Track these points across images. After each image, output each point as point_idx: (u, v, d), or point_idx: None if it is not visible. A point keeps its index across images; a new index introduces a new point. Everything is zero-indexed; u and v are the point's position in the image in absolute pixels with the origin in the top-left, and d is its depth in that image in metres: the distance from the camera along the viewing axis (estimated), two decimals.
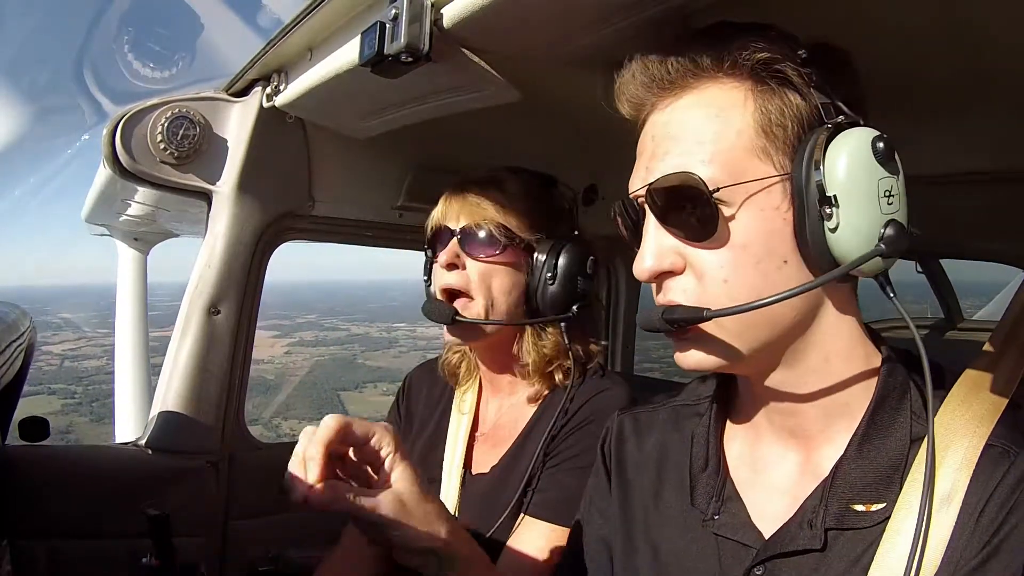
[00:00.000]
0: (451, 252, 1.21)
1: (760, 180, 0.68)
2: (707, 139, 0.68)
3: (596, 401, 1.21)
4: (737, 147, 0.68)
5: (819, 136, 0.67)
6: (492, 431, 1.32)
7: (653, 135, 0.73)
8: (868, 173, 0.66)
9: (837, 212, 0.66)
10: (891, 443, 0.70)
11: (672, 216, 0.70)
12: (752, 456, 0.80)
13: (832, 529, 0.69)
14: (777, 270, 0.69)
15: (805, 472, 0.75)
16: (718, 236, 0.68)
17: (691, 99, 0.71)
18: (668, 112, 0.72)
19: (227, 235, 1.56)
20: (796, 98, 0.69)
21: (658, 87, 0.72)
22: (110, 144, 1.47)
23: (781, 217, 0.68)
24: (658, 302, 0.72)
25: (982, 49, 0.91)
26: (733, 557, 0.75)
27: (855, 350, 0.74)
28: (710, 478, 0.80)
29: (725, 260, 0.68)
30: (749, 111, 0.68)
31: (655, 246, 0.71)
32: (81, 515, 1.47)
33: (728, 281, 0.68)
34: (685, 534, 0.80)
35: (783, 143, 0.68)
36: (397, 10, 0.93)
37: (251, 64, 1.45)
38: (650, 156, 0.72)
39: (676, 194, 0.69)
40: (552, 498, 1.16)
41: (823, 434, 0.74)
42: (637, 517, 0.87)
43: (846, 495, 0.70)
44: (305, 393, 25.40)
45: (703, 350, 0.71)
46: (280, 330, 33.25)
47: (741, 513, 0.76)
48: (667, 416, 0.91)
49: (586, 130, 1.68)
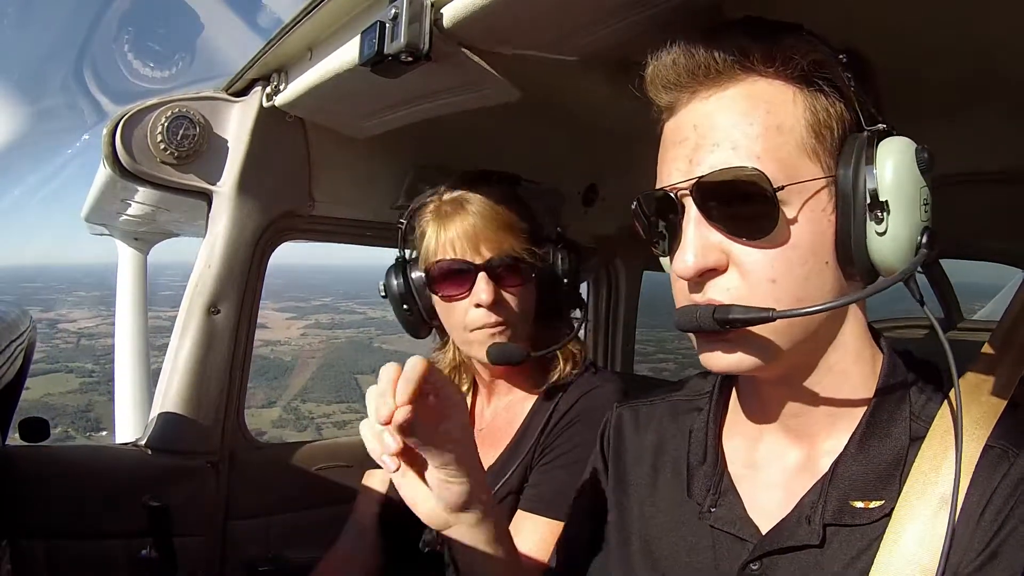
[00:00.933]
0: (489, 290, 1.18)
1: (813, 180, 0.67)
2: (758, 134, 0.66)
3: (588, 398, 1.22)
4: (790, 144, 0.67)
5: (867, 141, 0.67)
6: (488, 430, 1.33)
7: (695, 124, 0.69)
8: (914, 181, 0.66)
9: (888, 218, 0.66)
10: (891, 441, 0.70)
11: (720, 211, 0.67)
12: (751, 452, 0.80)
13: (830, 525, 0.69)
14: (819, 273, 0.68)
15: (804, 469, 0.75)
16: (772, 236, 0.66)
17: (738, 91, 0.68)
18: (714, 102, 0.69)
19: (227, 235, 1.56)
20: (839, 101, 0.69)
21: (703, 75, 0.69)
22: (110, 144, 1.46)
23: (827, 219, 0.68)
24: (692, 300, 0.70)
25: (983, 49, 0.91)
26: (729, 551, 0.75)
27: (863, 350, 0.74)
28: (707, 471, 0.81)
29: (775, 260, 0.67)
30: (799, 110, 0.67)
31: (700, 242, 0.68)
32: (81, 515, 1.47)
33: (776, 282, 0.67)
34: (680, 527, 0.80)
35: (830, 144, 0.68)
36: (397, 10, 0.93)
37: (251, 64, 1.45)
38: (694, 147, 0.69)
39: (731, 189, 0.66)
40: (546, 493, 1.17)
41: (824, 432, 0.75)
42: (632, 509, 0.87)
43: (845, 491, 0.70)
44: (323, 375, 25.34)
45: (744, 351, 0.69)
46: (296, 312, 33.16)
47: (738, 507, 0.77)
48: (666, 410, 0.92)
49: (586, 130, 1.68)
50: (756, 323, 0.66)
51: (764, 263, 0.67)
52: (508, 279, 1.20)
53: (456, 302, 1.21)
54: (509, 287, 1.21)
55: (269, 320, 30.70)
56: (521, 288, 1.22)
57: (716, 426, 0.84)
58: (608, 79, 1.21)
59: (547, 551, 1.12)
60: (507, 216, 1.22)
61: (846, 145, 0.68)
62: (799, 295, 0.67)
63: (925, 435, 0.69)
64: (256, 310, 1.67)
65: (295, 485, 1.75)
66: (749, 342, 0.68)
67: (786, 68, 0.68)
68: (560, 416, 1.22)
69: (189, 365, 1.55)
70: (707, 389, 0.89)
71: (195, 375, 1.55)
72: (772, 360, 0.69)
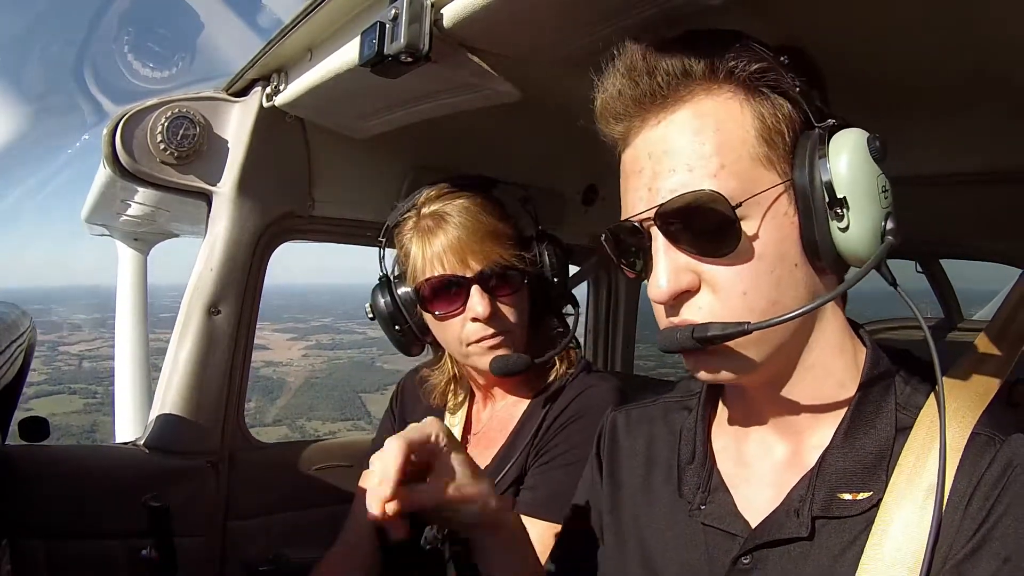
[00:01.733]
0: (485, 303, 1.16)
1: (769, 189, 0.67)
2: (711, 152, 0.67)
3: (583, 398, 1.22)
4: (744, 157, 0.67)
5: (817, 139, 0.68)
6: (484, 432, 1.33)
7: (649, 153, 0.71)
8: (869, 172, 0.67)
9: (848, 214, 0.66)
10: (876, 433, 0.71)
11: (685, 235, 0.69)
12: (739, 449, 0.81)
13: (819, 517, 0.70)
14: (789, 275, 0.69)
15: (792, 465, 0.76)
16: (737, 252, 0.67)
17: (686, 112, 0.69)
18: (663, 127, 0.70)
19: (227, 235, 1.56)
20: (786, 103, 0.69)
21: (650, 101, 0.70)
22: (110, 144, 1.47)
23: (789, 222, 0.69)
24: (670, 323, 0.71)
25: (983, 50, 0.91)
26: (720, 547, 0.75)
27: (844, 343, 0.75)
28: (697, 470, 0.81)
29: (743, 273, 0.68)
30: (748, 120, 0.68)
31: (671, 267, 0.69)
32: (81, 515, 1.47)
33: (747, 293, 0.68)
34: (673, 525, 0.81)
35: (782, 149, 0.69)
36: (397, 10, 0.93)
37: (251, 64, 1.45)
38: (651, 176, 0.70)
39: (691, 213, 0.67)
40: (543, 495, 1.17)
41: (810, 428, 0.75)
42: (626, 510, 0.88)
43: (832, 483, 0.70)
44: (327, 395, 25.77)
45: (728, 364, 0.71)
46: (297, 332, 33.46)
47: (728, 503, 0.77)
48: (658, 412, 0.93)
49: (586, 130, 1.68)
50: (734, 337, 0.67)
51: (733, 278, 0.68)
52: (501, 289, 1.20)
53: (451, 319, 1.20)
54: (503, 296, 1.20)
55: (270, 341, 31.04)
56: (514, 296, 1.21)
57: (704, 425, 0.85)
58: None
59: (544, 554, 1.12)
60: (490, 223, 1.20)
61: (798, 147, 0.69)
62: (772, 300, 0.68)
63: (912, 425, 0.70)
64: (256, 310, 1.67)
65: (295, 485, 1.75)
66: (732, 354, 0.70)
67: (729, 80, 0.68)
68: (555, 416, 1.22)
69: (189, 366, 1.55)
70: (696, 390, 0.90)
71: (195, 375, 1.55)
72: (757, 366, 0.70)
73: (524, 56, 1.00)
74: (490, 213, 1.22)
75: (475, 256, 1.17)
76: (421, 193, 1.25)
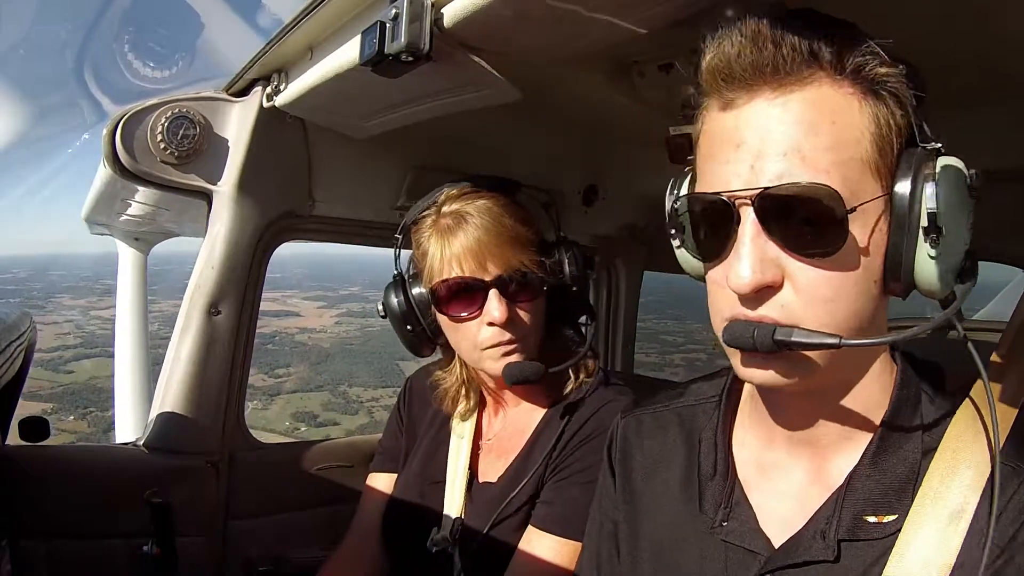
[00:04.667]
0: (502, 308, 1.14)
1: (874, 200, 0.64)
2: (827, 146, 0.63)
3: (602, 414, 1.19)
4: (856, 159, 0.64)
5: (923, 157, 0.65)
6: (497, 440, 1.31)
7: (757, 127, 0.65)
8: (965, 205, 0.65)
9: (943, 240, 0.63)
10: (903, 455, 0.70)
11: (782, 225, 0.64)
12: (762, 460, 0.79)
13: (845, 540, 0.69)
14: (867, 291, 0.66)
15: (816, 481, 0.74)
16: (835, 256, 0.63)
17: (805, 96, 0.64)
18: (779, 105, 0.64)
19: (227, 235, 1.56)
20: (900, 114, 0.66)
21: (770, 73, 0.64)
22: (110, 144, 1.47)
23: (880, 237, 0.65)
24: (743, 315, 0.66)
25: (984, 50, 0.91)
26: (740, 564, 0.74)
27: (885, 366, 0.73)
28: (719, 484, 0.79)
29: (833, 279, 0.64)
30: (865, 122, 0.64)
31: (758, 255, 0.64)
32: (81, 515, 1.46)
33: (833, 301, 0.64)
34: (691, 539, 0.79)
35: (890, 159, 0.65)
36: (397, 10, 0.93)
37: (251, 64, 1.45)
38: (757, 154, 0.64)
39: (800, 204, 0.62)
40: (560, 512, 1.15)
41: (837, 444, 0.74)
42: (643, 521, 0.86)
43: (859, 506, 0.69)
44: (366, 361, 25.72)
45: (785, 371, 0.66)
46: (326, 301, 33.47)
47: (749, 519, 0.76)
48: (671, 418, 0.90)
49: (586, 130, 1.68)
50: (819, 348, 0.63)
51: (821, 282, 0.64)
52: (519, 295, 1.17)
53: (466, 322, 1.17)
54: (521, 303, 1.17)
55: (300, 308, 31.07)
56: (532, 302, 1.19)
57: (725, 435, 0.82)
58: (608, 79, 1.21)
59: (560, 570, 1.10)
60: (512, 228, 1.16)
61: (902, 161, 0.65)
62: (855, 313, 0.65)
63: (936, 447, 0.69)
64: (256, 310, 1.67)
65: (295, 485, 1.75)
66: (800, 363, 0.66)
67: (855, 76, 0.64)
68: (574, 431, 1.19)
69: (189, 365, 1.55)
70: (712, 394, 0.87)
71: (195, 375, 1.55)
72: (808, 377, 0.67)
73: (524, 56, 1.00)
74: (512, 216, 1.18)
75: (494, 260, 1.14)
76: (441, 191, 1.21)
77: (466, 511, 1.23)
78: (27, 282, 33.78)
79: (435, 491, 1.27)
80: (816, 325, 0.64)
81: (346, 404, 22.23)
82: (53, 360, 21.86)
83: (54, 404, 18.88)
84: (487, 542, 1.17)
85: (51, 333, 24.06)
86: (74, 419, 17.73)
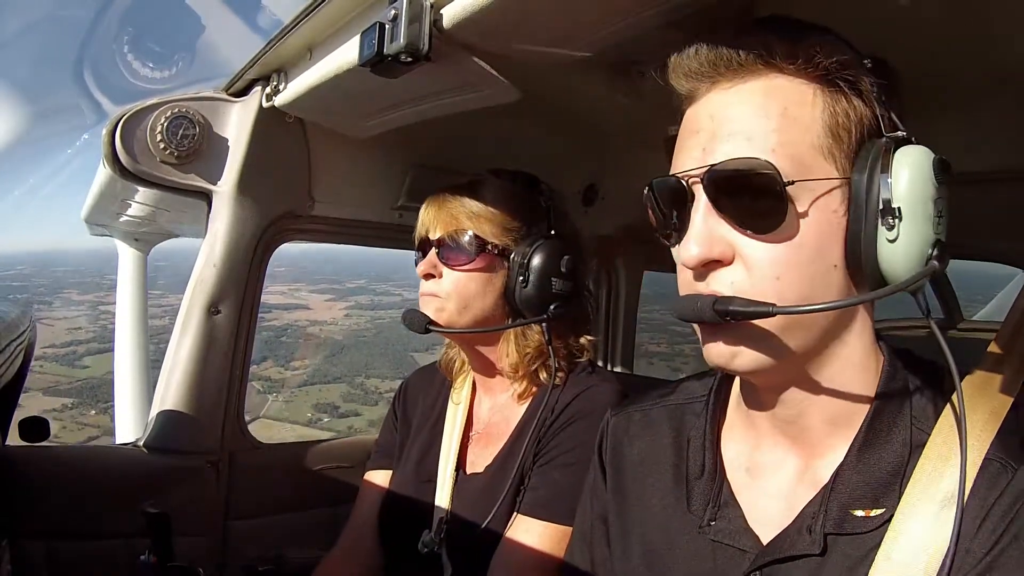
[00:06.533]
0: (428, 263, 1.28)
1: (825, 180, 0.66)
2: (774, 128, 0.66)
3: (582, 399, 1.22)
4: (806, 142, 0.66)
5: (883, 146, 0.67)
6: (485, 431, 1.33)
7: (712, 114, 0.69)
8: (928, 191, 0.66)
9: (899, 225, 0.65)
10: (891, 448, 0.70)
11: (729, 202, 0.67)
12: (750, 459, 0.80)
13: (831, 534, 0.69)
14: (825, 274, 0.67)
15: (803, 479, 0.75)
16: (779, 230, 0.66)
17: (758, 85, 0.68)
18: (733, 93, 0.69)
19: (227, 235, 1.56)
20: (861, 105, 0.68)
21: (725, 66, 0.69)
22: (110, 144, 1.46)
23: (838, 221, 0.67)
24: (697, 290, 0.69)
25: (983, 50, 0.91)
26: (729, 562, 0.75)
27: (867, 362, 0.73)
28: (706, 484, 0.80)
29: (780, 256, 0.66)
30: (818, 110, 0.67)
31: (707, 232, 0.67)
32: (81, 515, 1.46)
33: (780, 279, 0.66)
34: (681, 538, 0.80)
35: (847, 147, 0.67)
36: (397, 10, 0.93)
37: (251, 64, 1.45)
38: (709, 136, 0.69)
39: (741, 180, 0.66)
40: (544, 496, 1.17)
41: (824, 441, 0.74)
42: (633, 519, 0.87)
43: (845, 501, 0.70)
44: (380, 353, 26.00)
45: (746, 347, 0.68)
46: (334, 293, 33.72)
47: (737, 518, 0.76)
48: (661, 416, 0.91)
49: (586, 130, 1.68)
50: (755, 317, 0.65)
51: (769, 259, 0.66)
52: (451, 256, 1.27)
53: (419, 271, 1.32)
54: (452, 264, 1.27)
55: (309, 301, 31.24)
56: (465, 267, 1.26)
57: (713, 434, 0.83)
58: (608, 79, 1.22)
59: (546, 554, 1.11)
60: (479, 205, 1.27)
61: (863, 149, 0.68)
62: (803, 294, 0.66)
63: (926, 441, 0.69)
64: (256, 310, 1.67)
65: (295, 485, 1.75)
66: (750, 338, 0.68)
67: (808, 66, 0.67)
68: (556, 416, 1.22)
69: (189, 365, 1.55)
70: (702, 393, 0.88)
71: (195, 375, 1.55)
72: (771, 361, 0.68)
73: (524, 56, 1.00)
74: (491, 195, 1.28)
75: (442, 223, 1.28)
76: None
77: (454, 506, 1.25)
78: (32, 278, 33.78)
79: (428, 489, 1.29)
80: (764, 301, 0.65)
81: (365, 395, 22.43)
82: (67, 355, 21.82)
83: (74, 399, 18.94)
84: (475, 536, 1.18)
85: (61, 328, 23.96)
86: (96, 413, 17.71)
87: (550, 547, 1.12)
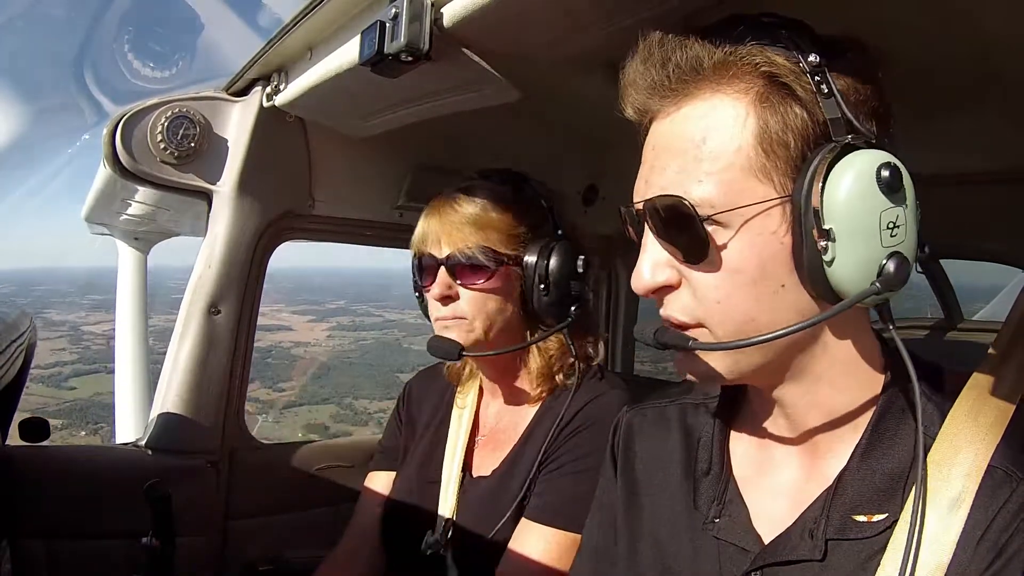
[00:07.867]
0: (443, 284, 1.21)
1: (757, 204, 0.64)
2: (705, 156, 0.65)
3: (593, 406, 1.21)
4: (735, 166, 0.64)
5: (822, 159, 0.63)
6: (492, 434, 1.32)
7: (654, 145, 0.70)
8: (870, 205, 0.62)
9: (833, 246, 0.62)
10: (894, 454, 0.69)
11: (667, 233, 0.68)
12: (758, 457, 0.80)
13: (833, 539, 0.69)
14: (773, 294, 0.66)
15: (809, 479, 0.74)
16: (710, 260, 0.66)
17: (690, 109, 0.67)
18: (668, 122, 0.69)
19: (227, 235, 1.56)
20: (801, 112, 0.64)
21: (659, 94, 0.69)
22: (110, 144, 1.47)
23: (779, 241, 0.65)
24: (661, 315, 0.71)
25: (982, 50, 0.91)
26: (732, 561, 0.75)
27: (858, 361, 0.72)
28: (713, 482, 0.80)
29: (718, 283, 0.66)
30: (750, 125, 0.64)
31: (652, 260, 0.69)
32: (81, 515, 1.46)
33: (721, 303, 0.66)
34: (687, 535, 0.80)
35: (784, 162, 0.64)
36: (397, 9, 0.93)
37: (251, 64, 1.45)
38: (650, 168, 0.70)
39: (668, 214, 0.67)
40: (551, 502, 1.16)
41: (828, 444, 0.74)
42: (642, 515, 0.87)
43: (848, 506, 0.69)
44: (367, 374, 25.86)
45: (698, 367, 0.71)
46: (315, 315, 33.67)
47: (742, 516, 0.76)
48: (675, 414, 0.91)
49: (586, 130, 1.68)
50: (678, 348, 0.69)
51: (709, 285, 0.67)
52: (468, 275, 1.21)
53: (427, 295, 1.26)
54: (470, 283, 1.21)
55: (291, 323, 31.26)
56: (484, 285, 1.21)
57: (722, 433, 0.83)
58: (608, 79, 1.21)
59: (552, 562, 1.11)
60: (478, 214, 1.22)
61: (806, 161, 0.64)
62: (748, 316, 0.66)
63: (931, 446, 0.68)
64: (256, 310, 1.67)
65: (295, 485, 1.75)
66: (708, 356, 0.70)
67: (741, 78, 0.65)
68: (566, 423, 1.20)
69: (189, 365, 1.55)
70: (715, 393, 0.88)
71: (195, 375, 1.55)
72: (730, 375, 0.70)
73: (524, 56, 1.00)
74: (495, 203, 1.23)
75: (449, 240, 1.21)
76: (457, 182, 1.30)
77: (459, 509, 1.24)
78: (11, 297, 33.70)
79: (432, 491, 1.28)
80: (716, 325, 0.67)
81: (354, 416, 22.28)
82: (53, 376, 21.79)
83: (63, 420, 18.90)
84: (480, 540, 1.17)
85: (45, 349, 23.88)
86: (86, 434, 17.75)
87: (557, 554, 1.11)
